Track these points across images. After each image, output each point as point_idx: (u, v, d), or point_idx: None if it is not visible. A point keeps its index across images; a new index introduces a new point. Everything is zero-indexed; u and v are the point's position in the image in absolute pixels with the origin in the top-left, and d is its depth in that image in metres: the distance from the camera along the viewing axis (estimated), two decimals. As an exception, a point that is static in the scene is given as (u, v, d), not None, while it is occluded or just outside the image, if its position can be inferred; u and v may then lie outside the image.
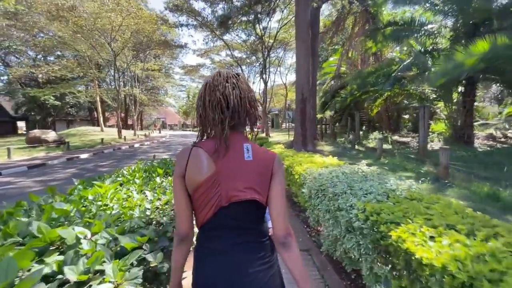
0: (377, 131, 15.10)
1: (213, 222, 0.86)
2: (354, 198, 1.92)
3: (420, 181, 4.68)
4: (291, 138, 17.63)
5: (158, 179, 2.28)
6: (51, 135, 15.44)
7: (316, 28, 12.24)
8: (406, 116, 21.45)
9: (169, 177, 2.47)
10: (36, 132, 15.08)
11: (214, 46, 31.97)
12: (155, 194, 1.86)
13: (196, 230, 0.92)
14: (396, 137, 13.71)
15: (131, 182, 2.17)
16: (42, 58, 30.10)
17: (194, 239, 0.94)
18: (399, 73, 10.35)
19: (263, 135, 20.61)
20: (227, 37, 25.55)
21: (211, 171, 0.84)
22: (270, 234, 0.94)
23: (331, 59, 23.10)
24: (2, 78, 32.95)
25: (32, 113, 37.13)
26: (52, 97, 31.80)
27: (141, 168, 2.66)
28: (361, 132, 17.68)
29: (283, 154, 4.84)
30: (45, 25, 16.24)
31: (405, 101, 19.51)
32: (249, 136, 0.98)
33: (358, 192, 1.99)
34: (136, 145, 18.28)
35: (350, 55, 20.45)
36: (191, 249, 0.94)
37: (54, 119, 41.24)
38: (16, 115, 36.70)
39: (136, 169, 2.66)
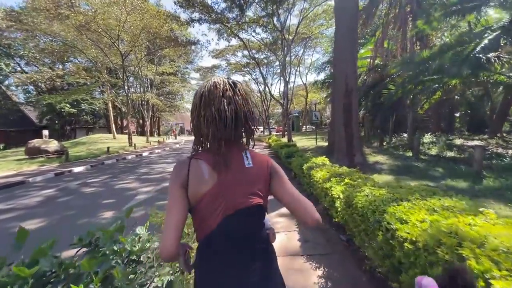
0: (429, 133, 12.11)
1: (218, 232, 0.83)
2: None
3: None
4: (319, 143, 15.00)
5: None
6: (52, 145, 14.05)
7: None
8: (457, 114, 18.08)
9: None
10: (36, 142, 13.73)
11: (229, 46, 30.20)
12: None
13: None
14: (460, 141, 10.68)
15: None
16: (60, 66, 30.00)
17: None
18: (477, 54, 7.52)
19: (285, 139, 18.12)
20: (243, 35, 23.69)
21: (214, 181, 0.83)
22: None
23: (361, 50, 20.15)
24: (29, 88, 33.81)
25: (56, 122, 37.53)
26: (67, 105, 31.52)
27: None
28: (405, 134, 14.70)
29: (346, 183, 2.38)
30: (48, 26, 15.09)
31: (457, 96, 16.31)
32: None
33: None
34: (145, 154, 16.53)
35: (385, 44, 17.52)
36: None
37: (74, 127, 41.52)
38: (40, 124, 37.19)
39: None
